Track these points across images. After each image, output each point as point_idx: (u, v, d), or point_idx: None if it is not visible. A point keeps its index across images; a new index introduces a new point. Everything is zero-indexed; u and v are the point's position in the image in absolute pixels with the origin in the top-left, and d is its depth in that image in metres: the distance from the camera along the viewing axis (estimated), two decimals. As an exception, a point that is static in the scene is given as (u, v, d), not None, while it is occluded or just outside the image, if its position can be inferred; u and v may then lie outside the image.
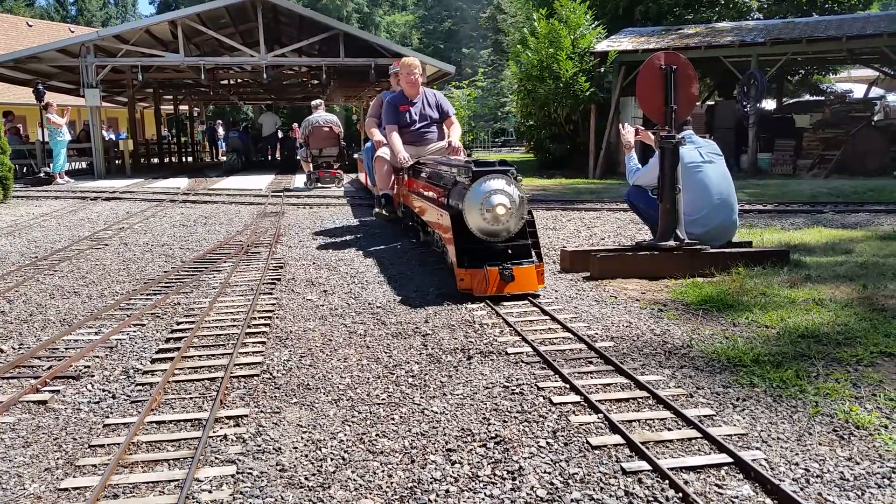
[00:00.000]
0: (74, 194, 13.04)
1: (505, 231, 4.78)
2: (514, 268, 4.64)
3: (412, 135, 6.92)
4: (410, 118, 6.89)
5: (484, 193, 4.67)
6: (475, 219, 4.70)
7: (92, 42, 16.57)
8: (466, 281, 4.71)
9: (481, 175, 4.71)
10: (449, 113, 7.07)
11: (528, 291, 4.65)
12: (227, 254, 6.81)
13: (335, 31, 17.10)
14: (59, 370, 3.55)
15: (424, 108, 6.94)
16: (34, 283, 5.64)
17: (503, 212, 4.64)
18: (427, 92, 7.07)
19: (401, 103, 6.90)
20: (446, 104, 7.11)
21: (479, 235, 4.76)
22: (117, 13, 56.92)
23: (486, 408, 2.92)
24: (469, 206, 4.69)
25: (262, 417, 2.91)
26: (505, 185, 4.71)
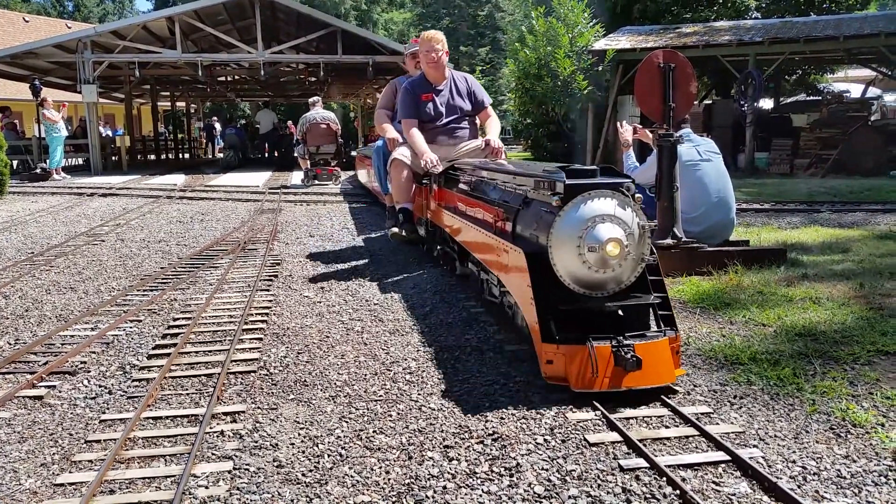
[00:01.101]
0: (71, 190, 13.01)
1: (614, 281, 3.09)
2: (635, 344, 2.97)
3: (437, 131, 5.45)
4: (435, 110, 5.42)
5: (584, 222, 2.99)
6: (569, 261, 3.03)
7: (89, 38, 16.51)
8: (558, 365, 3.00)
9: (579, 191, 3.02)
10: (484, 103, 5.59)
11: (660, 384, 2.96)
12: (224, 250, 6.80)
13: (333, 29, 17.07)
14: (55, 366, 3.54)
15: (453, 96, 5.48)
16: (30, 279, 5.62)
17: (616, 252, 2.97)
18: (456, 76, 5.57)
19: (422, 91, 5.42)
20: (481, 91, 5.63)
21: (572, 287, 3.07)
22: (114, 9, 56.76)
23: (484, 405, 2.92)
24: (559, 242, 3.02)
25: (259, 414, 2.91)
26: (617, 207, 3.02)
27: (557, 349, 2.99)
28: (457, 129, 5.51)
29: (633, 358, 2.87)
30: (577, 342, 2.97)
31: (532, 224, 3.31)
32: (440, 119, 5.44)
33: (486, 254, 3.94)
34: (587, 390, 2.90)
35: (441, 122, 5.45)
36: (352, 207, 10.37)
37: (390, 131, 5.81)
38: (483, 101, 5.58)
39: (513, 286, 3.44)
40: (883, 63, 17.34)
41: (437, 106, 5.42)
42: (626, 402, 2.88)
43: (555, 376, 3.00)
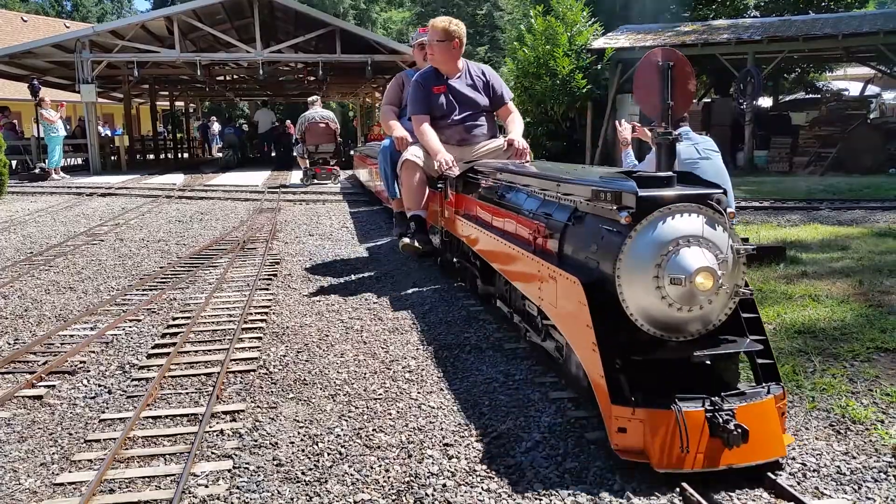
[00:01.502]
0: (70, 190, 13.00)
1: (700, 321, 2.42)
2: (736, 408, 2.31)
3: (452, 129, 4.86)
4: (448, 105, 4.84)
5: (663, 246, 2.33)
6: (642, 296, 2.37)
7: (87, 37, 16.49)
8: (634, 434, 2.30)
9: (655, 205, 2.37)
10: (504, 97, 4.98)
11: (768, 459, 2.29)
12: (224, 250, 6.80)
13: (331, 28, 17.05)
14: (54, 365, 3.54)
15: (468, 90, 4.90)
16: (29, 279, 5.62)
17: (708, 285, 2.30)
18: (471, 67, 5.00)
19: (434, 83, 4.85)
20: (500, 84, 5.02)
21: (645, 328, 2.40)
22: (113, 9, 56.67)
23: (484, 403, 2.92)
24: (630, 271, 2.37)
25: (259, 412, 2.91)
26: (705, 226, 2.38)
27: (633, 414, 2.27)
28: (473, 127, 4.89)
29: (736, 429, 2.18)
30: (659, 405, 2.27)
31: (588, 245, 2.62)
32: (453, 114, 4.83)
33: (525, 280, 3.20)
34: (675, 470, 2.21)
35: (455, 118, 4.84)
36: (351, 206, 10.37)
37: (398, 129, 5.19)
38: (503, 96, 4.95)
39: (565, 323, 2.71)
40: (882, 61, 17.33)
41: (450, 100, 4.83)
42: (716, 481, 2.23)
43: (629, 449, 2.27)
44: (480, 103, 4.90)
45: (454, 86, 4.85)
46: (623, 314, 2.39)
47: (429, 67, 4.96)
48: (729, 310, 2.45)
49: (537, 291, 2.98)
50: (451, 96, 4.84)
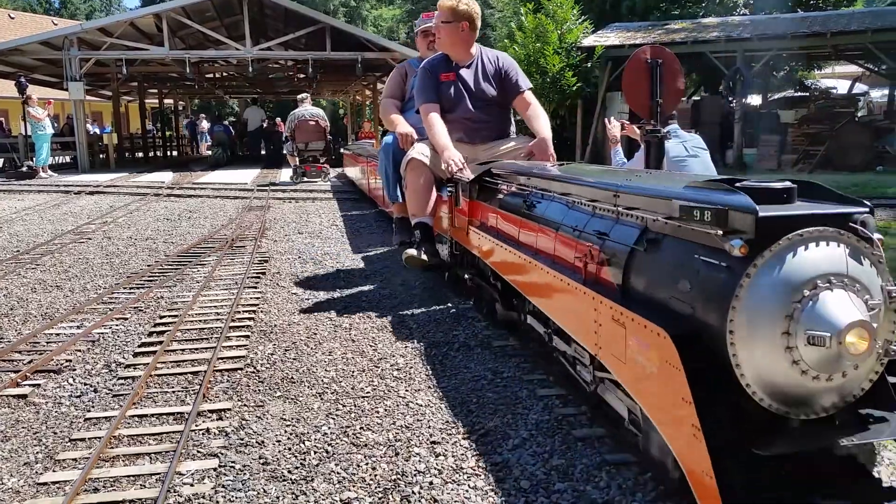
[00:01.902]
0: (58, 188, 12.91)
1: (837, 394, 1.76)
2: None
3: (461, 124, 4.33)
4: (457, 95, 4.28)
5: (795, 290, 1.67)
6: (764, 360, 1.70)
7: (75, 35, 16.38)
8: None
9: (781, 230, 1.69)
10: (520, 85, 4.35)
11: None
12: (212, 248, 6.77)
13: (321, 25, 17.01)
14: (39, 364, 3.51)
15: (479, 78, 4.32)
16: (16, 277, 5.57)
17: (863, 346, 1.62)
18: (486, 54, 4.41)
19: (442, 70, 4.32)
20: (515, 71, 4.40)
21: (764, 403, 1.73)
22: (101, 6, 56.33)
23: (472, 400, 2.91)
24: (750, 327, 1.69)
25: (246, 411, 2.89)
26: (849, 259, 1.72)
27: None
28: (485, 121, 4.35)
29: None
30: None
31: (674, 282, 1.91)
32: (461, 105, 4.28)
33: (571, 317, 2.49)
34: None
35: (464, 112, 4.30)
36: (341, 204, 10.34)
37: (402, 125, 4.63)
38: (518, 84, 4.29)
39: (641, 389, 1.96)
40: (869, 59, 17.44)
41: (459, 90, 4.25)
42: None
43: None
44: (494, 95, 4.31)
45: (464, 75, 4.29)
46: (732, 382, 1.68)
47: (438, 53, 4.39)
48: (875, 374, 1.75)
49: (592, 336, 2.22)
50: (460, 86, 4.26)
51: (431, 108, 4.23)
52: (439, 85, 4.27)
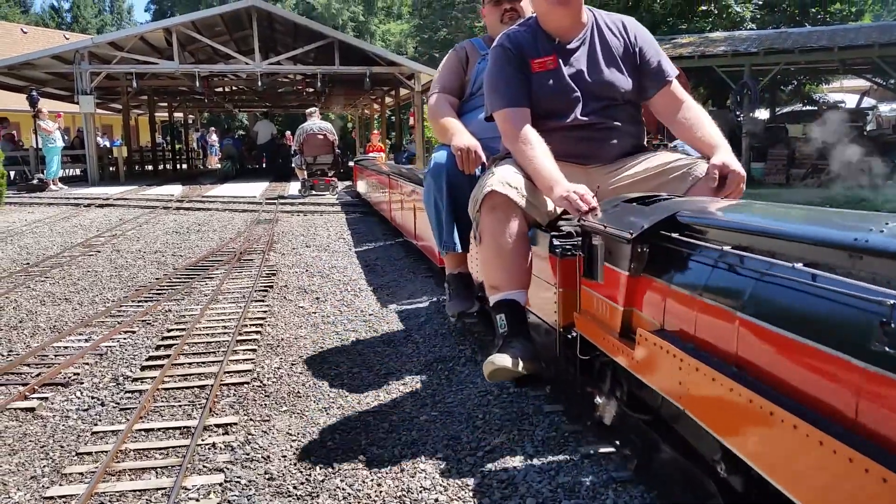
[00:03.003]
0: (68, 201, 13.00)
1: None
2: None
3: (571, 136, 2.67)
4: (562, 91, 2.64)
5: None
6: None
7: (86, 49, 16.55)
8: None
9: None
10: (666, 72, 2.70)
11: None
12: (220, 261, 6.79)
13: (330, 40, 17.13)
14: (47, 377, 3.52)
15: (601, 64, 2.68)
16: (25, 290, 5.61)
17: None
18: (602, 20, 2.73)
19: (533, 52, 2.67)
20: (655, 50, 2.74)
21: None
22: (113, 20, 56.92)
23: (478, 416, 2.91)
24: None
25: (252, 425, 2.90)
26: None
27: None
28: (606, 132, 2.66)
29: None
30: None
31: None
32: (570, 107, 2.62)
33: None
34: None
35: (573, 117, 2.62)
36: (348, 218, 10.37)
37: (460, 135, 3.03)
38: (662, 70, 2.68)
39: None
40: (877, 73, 17.42)
41: (564, 82, 2.61)
42: None
43: None
44: (626, 90, 2.66)
45: (574, 58, 2.63)
46: None
47: (525, 25, 2.73)
48: None
49: None
50: (566, 78, 2.60)
51: (518, 115, 2.56)
52: (530, 77, 2.60)
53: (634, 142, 2.79)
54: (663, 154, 2.75)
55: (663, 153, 2.77)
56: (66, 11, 54.78)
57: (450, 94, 3.36)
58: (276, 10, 17.92)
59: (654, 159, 2.67)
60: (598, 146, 2.69)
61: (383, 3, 42.81)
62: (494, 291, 2.52)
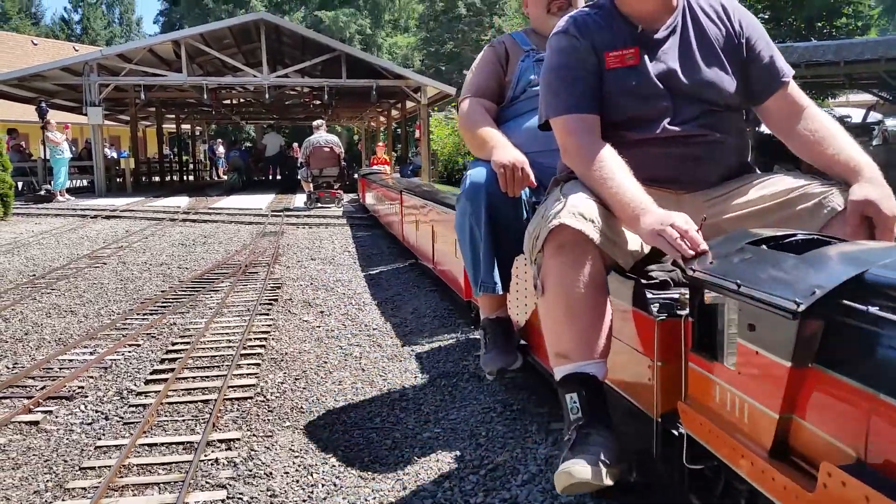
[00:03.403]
0: (75, 212, 13.07)
1: None
2: None
3: (660, 151, 2.01)
4: (646, 92, 2.00)
5: None
6: None
7: (95, 61, 16.68)
8: None
9: None
10: (781, 71, 2.12)
11: None
12: (225, 273, 6.81)
13: (337, 53, 17.24)
14: (52, 390, 3.53)
15: (698, 58, 2.03)
16: (31, 302, 5.63)
17: None
18: (698, 3, 2.10)
19: (607, 43, 2.02)
20: (766, 42, 2.11)
21: None
22: (122, 32, 57.42)
23: (481, 433, 2.90)
24: None
25: (255, 441, 2.90)
26: None
27: None
28: (710, 146, 2.06)
29: None
30: None
31: None
32: (659, 113, 2.02)
33: None
34: None
35: (662, 127, 2.02)
36: (354, 230, 10.39)
37: (502, 149, 2.46)
38: (778, 69, 2.14)
39: None
40: (884, 88, 17.41)
41: (649, 81, 2.01)
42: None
43: None
44: (728, 90, 2.06)
45: (661, 52, 2.04)
46: None
47: (595, 7, 2.14)
48: None
49: None
50: (651, 74, 2.01)
51: (584, 124, 1.98)
52: (602, 74, 2.02)
53: (740, 160, 2.19)
54: (782, 177, 2.08)
55: (781, 175, 2.10)
56: (76, 23, 55.33)
57: (486, 99, 2.76)
58: (284, 23, 18.05)
59: (769, 184, 2.04)
60: (694, 166, 2.04)
61: (390, 16, 43.07)
62: (563, 361, 1.80)
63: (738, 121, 2.22)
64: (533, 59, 2.70)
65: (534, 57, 2.70)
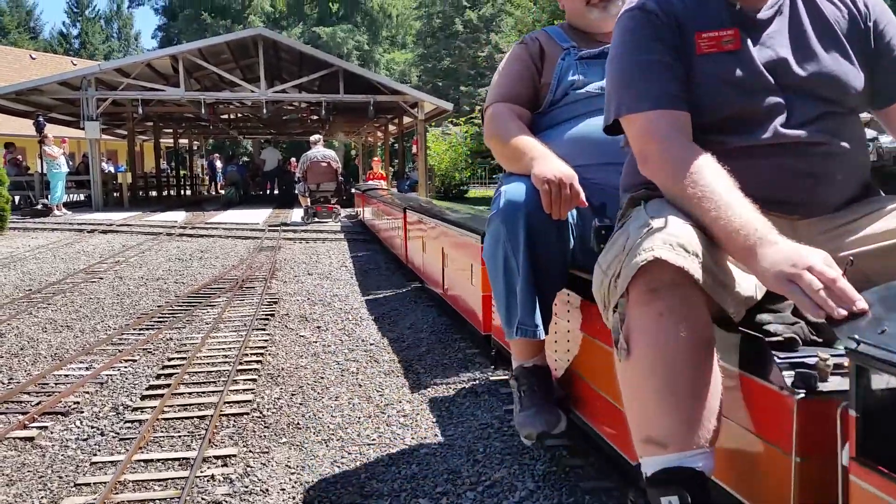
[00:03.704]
0: (71, 226, 13.06)
1: None
2: None
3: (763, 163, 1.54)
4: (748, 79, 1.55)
5: None
6: None
7: (93, 75, 16.74)
8: None
9: None
10: None
11: None
12: (222, 288, 6.80)
13: (335, 68, 17.32)
14: (47, 406, 3.51)
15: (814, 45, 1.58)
16: (27, 317, 5.61)
17: None
18: None
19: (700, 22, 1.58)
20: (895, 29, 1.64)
21: None
22: (120, 46, 57.63)
23: (478, 449, 2.90)
24: None
25: (251, 457, 2.88)
26: None
27: None
28: (832, 159, 1.57)
29: None
30: None
31: None
32: (773, 119, 1.54)
33: None
34: None
35: (779, 131, 1.54)
36: (351, 245, 10.40)
37: (545, 160, 2.04)
38: None
39: None
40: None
41: (755, 72, 1.55)
42: None
43: None
44: (854, 86, 1.62)
45: (769, 33, 1.60)
46: None
47: None
48: None
49: None
50: (757, 62, 1.56)
51: (671, 123, 1.55)
52: (692, 61, 1.59)
53: (864, 177, 1.71)
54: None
55: None
56: (74, 37, 55.55)
57: (517, 105, 2.29)
58: (282, 38, 18.15)
59: None
60: (813, 183, 1.57)
61: (388, 32, 43.36)
62: (656, 450, 1.32)
63: (860, 127, 1.71)
64: (575, 57, 2.28)
65: (575, 54, 2.29)
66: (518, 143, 2.13)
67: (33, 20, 54.71)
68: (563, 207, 1.97)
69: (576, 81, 2.25)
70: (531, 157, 2.06)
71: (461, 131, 25.00)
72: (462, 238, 4.14)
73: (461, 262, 4.25)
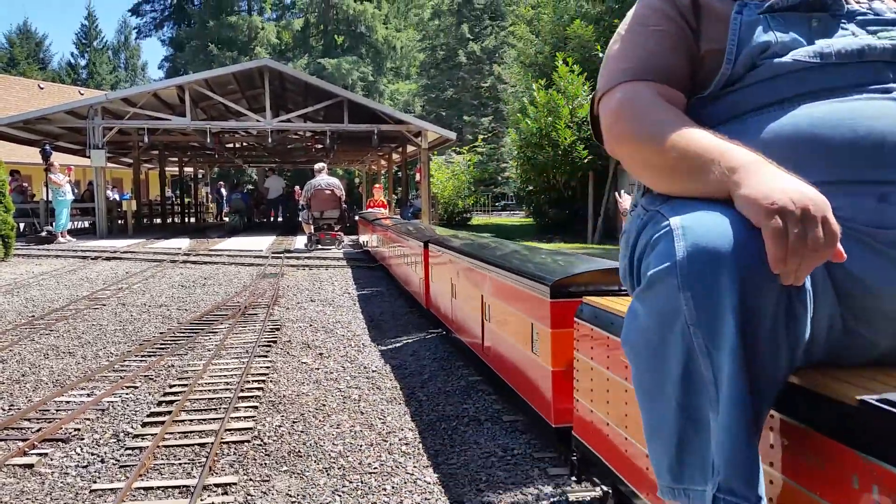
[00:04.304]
0: (75, 253, 13.09)
1: None
2: None
3: None
4: None
5: None
6: None
7: (100, 104, 16.89)
8: None
9: None
10: None
11: None
12: (225, 315, 6.79)
13: (339, 98, 17.47)
14: (48, 433, 3.49)
15: None
16: (29, 343, 5.60)
17: None
18: None
19: None
20: None
21: None
22: (127, 76, 58.30)
23: (481, 478, 2.87)
24: None
25: (251, 485, 2.86)
26: None
27: None
28: None
29: None
30: None
31: None
32: None
33: None
34: None
35: None
36: (353, 272, 10.39)
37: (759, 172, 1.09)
38: None
39: None
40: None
41: None
42: None
43: None
44: None
45: None
46: None
47: None
48: None
49: None
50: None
51: None
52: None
53: None
54: None
55: None
56: (82, 68, 56.20)
57: (664, 84, 1.37)
58: (288, 69, 18.31)
59: None
60: None
61: (392, 64, 43.79)
62: None
63: None
64: (759, 9, 1.37)
65: (759, 5, 1.37)
66: (692, 143, 1.21)
67: (42, 51, 55.43)
68: (807, 262, 1.04)
69: (771, 44, 1.33)
70: (729, 165, 1.14)
71: (464, 160, 25.20)
72: (519, 289, 3.19)
73: (514, 319, 3.33)
